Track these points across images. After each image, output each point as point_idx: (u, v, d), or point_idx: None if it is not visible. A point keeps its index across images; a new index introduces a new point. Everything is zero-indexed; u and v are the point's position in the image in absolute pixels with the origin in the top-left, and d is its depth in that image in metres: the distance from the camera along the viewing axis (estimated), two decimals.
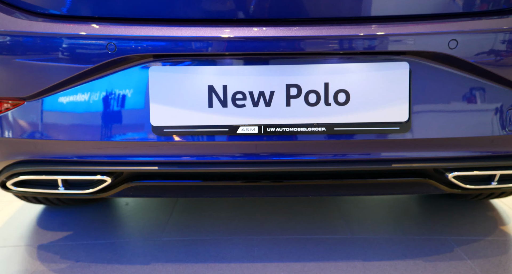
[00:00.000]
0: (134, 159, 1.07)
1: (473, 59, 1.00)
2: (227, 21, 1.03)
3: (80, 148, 1.06)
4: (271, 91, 1.02)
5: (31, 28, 0.98)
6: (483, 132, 1.04)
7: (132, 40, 0.98)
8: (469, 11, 1.03)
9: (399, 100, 1.02)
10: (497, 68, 1.01)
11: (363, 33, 0.98)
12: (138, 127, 1.03)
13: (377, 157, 1.06)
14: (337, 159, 1.07)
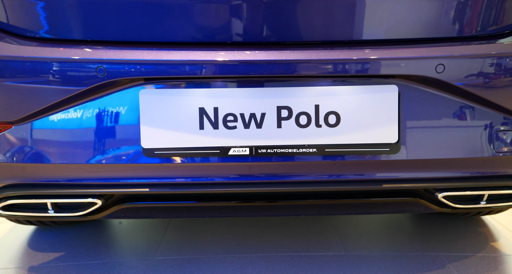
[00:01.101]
0: (125, 181, 1.07)
1: (459, 83, 1.02)
2: (218, 44, 1.04)
3: (70, 171, 1.05)
4: (262, 113, 1.03)
5: (19, 52, 0.99)
6: (471, 153, 1.06)
7: (122, 64, 0.99)
8: (455, 36, 1.05)
9: (388, 122, 1.03)
10: (483, 92, 1.03)
11: (352, 58, 1.00)
12: (129, 149, 1.03)
13: (368, 178, 1.07)
14: (328, 179, 1.08)
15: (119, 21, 1.03)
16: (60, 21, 1.03)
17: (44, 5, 1.02)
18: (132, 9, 1.02)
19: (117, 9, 1.02)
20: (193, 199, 1.12)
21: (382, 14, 1.04)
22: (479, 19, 1.06)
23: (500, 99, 1.04)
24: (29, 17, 1.04)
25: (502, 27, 1.07)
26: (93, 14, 1.02)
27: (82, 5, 1.02)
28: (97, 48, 1.00)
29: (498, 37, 1.06)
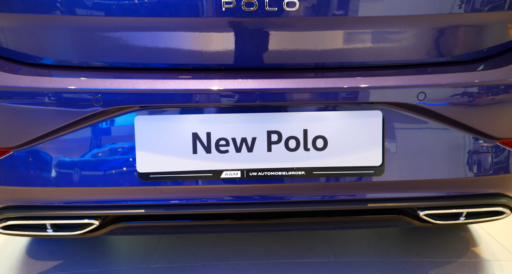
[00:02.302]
0: (121, 203, 1.11)
1: (439, 109, 1.07)
2: (210, 71, 1.08)
3: (68, 194, 1.10)
4: (253, 138, 1.08)
5: (18, 83, 1.02)
6: (451, 174, 1.12)
7: (118, 93, 1.02)
8: (435, 62, 1.11)
9: (373, 145, 1.09)
10: (461, 117, 1.09)
11: (339, 86, 1.04)
12: (124, 173, 1.08)
13: (354, 197, 1.13)
14: (316, 199, 1.13)
15: (114, 49, 1.06)
16: (58, 48, 1.07)
17: (46, 35, 1.06)
18: (128, 38, 1.05)
19: (113, 38, 1.05)
20: (187, 218, 1.18)
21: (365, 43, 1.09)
22: (456, 46, 1.11)
23: (476, 124, 1.10)
24: (30, 44, 1.07)
25: (478, 52, 1.12)
26: (89, 42, 1.06)
27: (81, 35, 1.06)
28: (94, 78, 1.03)
29: (474, 62, 1.12)
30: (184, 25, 1.06)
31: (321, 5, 1.04)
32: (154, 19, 1.04)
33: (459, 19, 1.09)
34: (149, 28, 1.06)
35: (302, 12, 1.03)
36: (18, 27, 1.06)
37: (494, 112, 1.10)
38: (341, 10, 1.05)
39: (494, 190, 1.17)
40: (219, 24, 1.06)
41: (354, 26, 1.08)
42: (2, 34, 1.07)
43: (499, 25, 1.12)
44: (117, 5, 1.02)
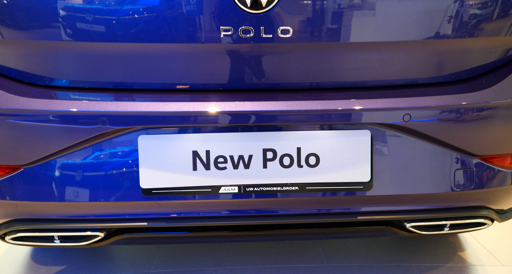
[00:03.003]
0: (125, 216, 1.18)
1: (424, 129, 1.14)
2: (210, 92, 1.15)
3: (75, 208, 1.16)
4: (249, 155, 1.15)
5: (30, 105, 1.08)
6: (435, 189, 1.19)
7: (122, 116, 1.09)
8: (420, 83, 1.18)
9: (362, 162, 1.15)
10: (444, 136, 1.16)
11: (330, 108, 1.11)
12: (128, 189, 1.14)
13: (344, 211, 1.20)
14: (309, 212, 1.20)
15: (120, 72, 1.13)
16: (67, 71, 1.14)
17: (57, 59, 1.13)
18: (134, 63, 1.12)
19: (120, 63, 1.13)
20: (187, 230, 1.24)
21: (354, 66, 1.16)
22: (439, 69, 1.19)
23: (458, 143, 1.17)
24: (41, 67, 1.13)
25: (458, 74, 1.20)
26: (96, 66, 1.13)
27: (89, 59, 1.13)
28: (100, 100, 1.10)
29: (455, 83, 1.19)
30: (185, 51, 1.12)
31: (312, 32, 1.10)
32: (158, 45, 1.10)
33: (441, 44, 1.16)
34: (153, 53, 1.12)
35: (295, 38, 1.10)
36: (31, 52, 1.13)
37: (475, 131, 1.17)
38: (331, 36, 1.11)
39: (476, 203, 1.25)
40: (218, 50, 1.12)
41: (344, 51, 1.15)
42: (15, 59, 1.13)
43: (478, 50, 1.20)
44: (125, 32, 1.08)
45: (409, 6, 1.11)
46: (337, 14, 1.10)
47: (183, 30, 1.09)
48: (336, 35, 1.11)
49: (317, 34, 1.11)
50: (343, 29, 1.11)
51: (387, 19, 1.11)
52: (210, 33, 1.09)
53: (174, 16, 1.08)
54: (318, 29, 1.10)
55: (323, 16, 1.10)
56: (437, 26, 1.13)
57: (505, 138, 1.20)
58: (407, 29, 1.12)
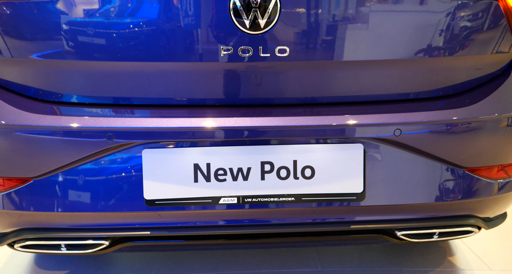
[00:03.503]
0: (129, 225, 1.23)
1: (413, 143, 1.21)
2: (211, 108, 1.21)
3: (81, 218, 1.22)
4: (248, 168, 1.20)
5: (40, 122, 1.14)
6: (424, 199, 1.25)
7: (128, 131, 1.14)
8: (410, 98, 1.25)
9: (355, 174, 1.21)
10: (433, 149, 1.22)
11: (325, 123, 1.17)
12: (133, 200, 1.19)
13: (338, 220, 1.26)
14: (304, 222, 1.26)
15: (126, 89, 1.19)
16: (76, 88, 1.20)
17: (66, 77, 1.19)
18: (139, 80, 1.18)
19: (126, 80, 1.19)
20: (188, 238, 1.30)
21: (347, 83, 1.23)
22: (427, 85, 1.26)
23: (446, 155, 1.23)
24: (51, 84, 1.19)
25: (445, 90, 1.27)
26: (102, 83, 1.19)
27: (97, 77, 1.19)
28: (106, 117, 1.15)
29: (442, 98, 1.26)
30: (187, 69, 1.18)
31: (308, 51, 1.16)
32: (162, 64, 1.16)
33: (429, 62, 1.23)
34: (158, 71, 1.18)
35: (291, 57, 1.16)
36: (42, 71, 1.19)
37: (461, 145, 1.24)
38: (325, 55, 1.18)
39: (464, 212, 1.32)
40: (218, 68, 1.18)
41: (337, 69, 1.22)
42: (27, 77, 1.19)
43: (464, 67, 1.27)
44: (130, 52, 1.14)
45: (399, 27, 1.17)
46: (331, 34, 1.16)
47: (185, 50, 1.14)
48: (330, 54, 1.17)
49: (312, 53, 1.17)
50: (337, 48, 1.17)
51: (378, 39, 1.17)
52: (211, 52, 1.14)
53: (177, 36, 1.14)
54: (313, 48, 1.16)
55: (318, 37, 1.16)
56: (425, 46, 1.20)
57: (490, 151, 1.27)
58: (397, 49, 1.19)
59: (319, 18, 1.15)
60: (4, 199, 1.21)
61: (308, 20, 1.15)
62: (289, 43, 1.15)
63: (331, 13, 1.15)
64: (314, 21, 1.15)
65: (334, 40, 1.17)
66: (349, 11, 1.14)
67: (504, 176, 1.31)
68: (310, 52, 1.17)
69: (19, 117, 1.14)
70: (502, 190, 1.32)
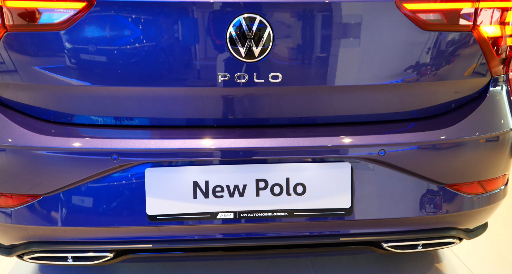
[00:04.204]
0: (132, 239, 1.32)
1: (397, 162, 1.30)
2: (209, 129, 1.30)
3: (87, 232, 1.30)
4: (243, 185, 1.29)
5: (50, 143, 1.22)
6: (408, 213, 1.34)
7: (132, 152, 1.23)
8: (394, 119, 1.34)
9: (343, 191, 1.30)
10: (415, 168, 1.31)
11: (316, 145, 1.26)
12: (136, 215, 1.28)
13: (328, 233, 1.35)
14: (297, 235, 1.35)
15: (131, 111, 1.28)
16: (85, 110, 1.29)
17: (74, 100, 1.27)
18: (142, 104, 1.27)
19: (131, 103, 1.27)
20: (187, 251, 1.38)
21: (335, 106, 1.32)
22: (410, 107, 1.35)
23: (427, 173, 1.32)
24: (61, 107, 1.28)
25: (425, 112, 1.36)
26: (108, 105, 1.28)
27: (103, 100, 1.27)
28: (111, 138, 1.23)
29: (423, 119, 1.36)
30: (188, 93, 1.27)
31: (299, 77, 1.25)
32: (165, 88, 1.25)
33: (411, 87, 1.32)
34: (161, 95, 1.27)
35: (284, 82, 1.25)
36: (51, 94, 1.27)
37: (442, 163, 1.33)
38: (315, 81, 1.27)
39: (445, 225, 1.41)
40: (216, 92, 1.27)
41: (327, 93, 1.31)
42: (36, 99, 1.28)
43: (443, 90, 1.36)
44: (136, 77, 1.22)
45: (384, 56, 1.26)
46: (319, 62, 1.25)
47: (186, 76, 1.23)
48: (320, 80, 1.26)
49: (302, 79, 1.26)
50: (325, 74, 1.26)
51: (364, 66, 1.27)
52: (209, 78, 1.23)
53: (178, 64, 1.22)
54: (304, 75, 1.25)
55: (308, 64, 1.25)
56: (407, 72, 1.29)
57: (468, 168, 1.37)
58: (381, 75, 1.28)
59: (308, 47, 1.24)
60: (15, 214, 1.29)
61: (298, 49, 1.23)
62: (281, 70, 1.23)
63: (320, 42, 1.24)
64: (304, 50, 1.24)
65: (323, 67, 1.26)
66: (337, 41, 1.23)
67: (482, 191, 1.40)
68: (301, 78, 1.25)
69: (31, 139, 1.22)
70: (480, 203, 1.41)
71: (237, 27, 1.19)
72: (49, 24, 1.17)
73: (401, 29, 1.24)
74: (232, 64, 1.22)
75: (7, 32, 1.19)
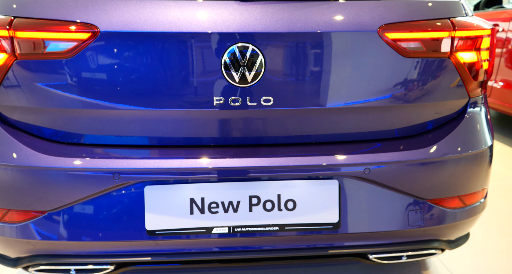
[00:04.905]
0: (132, 252, 1.39)
1: (381, 179, 1.39)
2: (205, 148, 1.38)
3: (89, 246, 1.37)
4: (237, 201, 1.37)
5: (55, 163, 1.30)
6: (393, 227, 1.43)
7: (132, 171, 1.30)
8: (379, 138, 1.43)
9: (331, 206, 1.39)
10: (398, 184, 1.40)
11: (305, 164, 1.35)
12: (135, 230, 1.35)
13: (317, 246, 1.43)
14: (288, 248, 1.43)
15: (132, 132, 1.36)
16: (89, 131, 1.37)
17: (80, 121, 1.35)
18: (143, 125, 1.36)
19: (133, 124, 1.35)
20: (185, 263, 1.46)
21: (323, 126, 1.41)
22: (392, 127, 1.44)
23: (410, 190, 1.41)
24: (66, 127, 1.36)
25: (406, 131, 1.45)
26: (112, 127, 1.36)
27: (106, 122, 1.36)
28: (113, 158, 1.31)
29: (405, 138, 1.45)
30: (186, 115, 1.35)
31: (289, 100, 1.34)
32: (164, 111, 1.33)
33: (395, 108, 1.42)
34: (160, 117, 1.35)
35: (275, 105, 1.33)
36: (57, 116, 1.35)
37: (423, 180, 1.42)
38: (304, 103, 1.35)
39: (428, 237, 1.49)
40: (212, 115, 1.35)
41: (315, 115, 1.39)
42: (43, 121, 1.36)
43: (423, 112, 1.45)
44: (137, 101, 1.31)
45: (368, 80, 1.35)
46: (307, 86, 1.34)
47: (184, 99, 1.32)
48: (308, 102, 1.35)
49: (293, 102, 1.34)
50: (314, 98, 1.35)
51: (350, 89, 1.36)
52: (205, 101, 1.32)
53: (177, 88, 1.31)
54: (294, 98, 1.34)
55: (297, 88, 1.34)
56: (391, 95, 1.38)
57: (448, 184, 1.45)
58: (366, 98, 1.37)
59: (298, 73, 1.33)
60: (22, 229, 1.36)
61: (288, 75, 1.32)
62: (272, 94, 1.32)
63: (308, 69, 1.33)
64: (294, 75, 1.32)
65: (312, 91, 1.35)
66: (324, 67, 1.32)
67: (462, 205, 1.49)
68: (291, 101, 1.34)
69: (38, 159, 1.30)
70: (460, 217, 1.50)
71: (231, 54, 1.27)
72: (55, 52, 1.26)
73: (384, 56, 1.33)
74: (227, 89, 1.30)
75: (16, 60, 1.27)
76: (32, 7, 1.27)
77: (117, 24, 1.25)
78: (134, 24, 1.25)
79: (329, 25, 1.30)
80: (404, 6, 1.35)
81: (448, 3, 1.40)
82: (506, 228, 2.50)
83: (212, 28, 1.27)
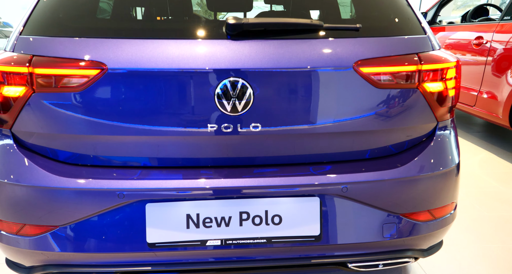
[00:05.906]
0: (134, 262, 1.55)
1: (358, 196, 1.55)
2: (201, 168, 1.54)
3: (95, 257, 1.53)
4: (229, 216, 1.52)
5: (67, 184, 1.46)
6: (370, 239, 1.59)
7: (135, 191, 1.46)
8: (356, 159, 1.59)
9: (313, 221, 1.54)
10: (373, 200, 1.56)
11: (289, 184, 1.51)
12: (137, 243, 1.51)
13: (301, 256, 1.59)
14: (275, 258, 1.59)
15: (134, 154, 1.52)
16: (95, 154, 1.53)
17: (87, 146, 1.51)
18: (144, 149, 1.52)
19: (135, 148, 1.51)
20: (182, 272, 1.61)
21: (308, 148, 1.57)
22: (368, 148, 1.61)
23: (384, 205, 1.58)
24: (75, 150, 1.52)
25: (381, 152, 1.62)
26: (117, 150, 1.53)
27: (112, 146, 1.52)
28: (118, 179, 1.47)
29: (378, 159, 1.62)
30: (183, 141, 1.52)
31: (275, 126, 1.50)
32: (163, 137, 1.49)
33: (372, 133, 1.58)
34: (160, 142, 1.51)
35: (263, 131, 1.49)
36: (68, 141, 1.51)
37: (395, 196, 1.58)
38: (288, 128, 1.51)
39: (402, 247, 1.66)
40: (206, 140, 1.51)
41: (298, 138, 1.56)
42: (56, 145, 1.52)
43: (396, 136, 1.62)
44: (139, 128, 1.47)
45: (346, 109, 1.52)
46: (292, 114, 1.50)
47: (182, 127, 1.48)
48: (292, 129, 1.51)
49: (278, 128, 1.51)
50: (297, 125, 1.51)
51: (329, 116, 1.52)
52: (200, 128, 1.48)
53: (176, 117, 1.47)
54: (279, 124, 1.51)
55: (283, 116, 1.50)
56: (366, 122, 1.55)
57: (418, 200, 1.62)
58: (343, 124, 1.53)
59: (282, 102, 1.49)
60: (36, 241, 1.52)
61: (274, 104, 1.49)
62: (260, 121, 1.48)
63: (292, 99, 1.49)
64: (279, 105, 1.49)
65: (294, 118, 1.51)
66: (306, 98, 1.49)
67: (431, 218, 1.65)
68: (277, 127, 1.50)
69: (51, 180, 1.46)
70: (431, 228, 1.67)
71: (224, 86, 1.43)
72: (68, 86, 1.42)
73: (359, 87, 1.49)
74: (220, 117, 1.46)
75: (34, 92, 1.44)
76: (49, 47, 1.43)
77: (123, 61, 1.41)
78: (138, 61, 1.41)
79: (310, 62, 1.46)
80: (377, 43, 1.51)
81: (416, 39, 1.57)
82: (483, 234, 2.67)
83: (207, 64, 1.43)
